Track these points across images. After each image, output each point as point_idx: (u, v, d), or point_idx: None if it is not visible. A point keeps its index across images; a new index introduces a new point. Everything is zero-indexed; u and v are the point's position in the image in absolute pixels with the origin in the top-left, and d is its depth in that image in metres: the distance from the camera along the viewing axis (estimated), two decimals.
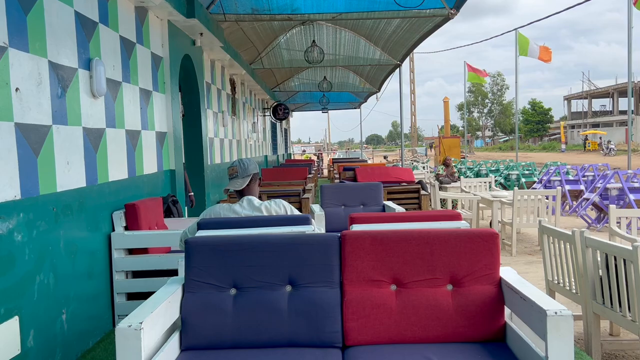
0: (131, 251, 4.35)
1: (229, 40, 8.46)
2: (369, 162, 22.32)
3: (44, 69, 3.34)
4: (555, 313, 1.88)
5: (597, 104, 69.27)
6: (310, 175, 12.18)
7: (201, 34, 6.60)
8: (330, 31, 9.88)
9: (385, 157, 31.33)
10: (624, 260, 3.24)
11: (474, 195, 8.10)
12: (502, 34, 19.12)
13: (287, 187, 9.02)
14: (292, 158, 28.32)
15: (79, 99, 3.78)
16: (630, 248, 3.16)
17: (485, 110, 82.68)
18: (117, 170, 4.41)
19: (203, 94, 7.28)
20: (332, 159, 22.63)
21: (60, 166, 3.50)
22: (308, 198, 7.90)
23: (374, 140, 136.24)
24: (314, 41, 9.55)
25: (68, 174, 3.60)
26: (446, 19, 7.18)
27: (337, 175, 12.78)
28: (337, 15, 7.51)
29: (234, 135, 10.08)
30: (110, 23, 4.38)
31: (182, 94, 6.94)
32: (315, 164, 22.53)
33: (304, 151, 35.44)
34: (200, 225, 2.91)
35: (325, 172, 22.94)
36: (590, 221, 9.34)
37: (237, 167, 3.16)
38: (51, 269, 3.37)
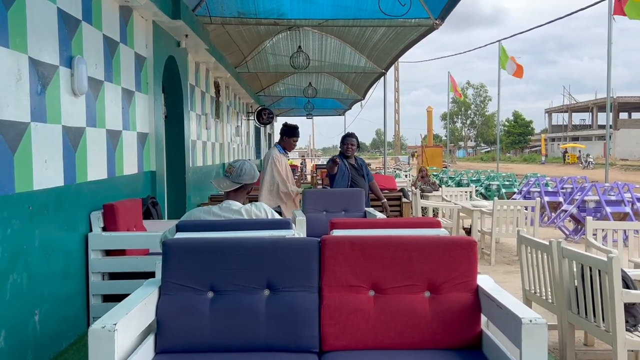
0: (108, 252, 4.29)
1: (215, 43, 8.43)
2: None
3: (24, 65, 3.29)
4: (530, 321, 1.90)
5: (577, 118, 70.52)
6: None
7: (186, 35, 6.57)
8: (317, 37, 9.90)
9: (368, 165, 31.44)
10: (599, 271, 3.28)
11: (455, 204, 8.17)
12: (484, 46, 19.39)
13: None
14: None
15: (60, 96, 3.73)
16: (605, 259, 3.21)
17: (468, 121, 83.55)
18: (96, 170, 4.36)
19: (186, 96, 7.24)
20: (316, 165, 22.65)
21: (38, 164, 3.45)
22: None
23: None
24: (299, 47, 9.57)
25: (45, 172, 3.55)
26: (431, 28, 7.26)
27: (320, 181, 12.79)
28: (323, 22, 7.53)
29: (217, 139, 10.03)
30: (93, 21, 4.33)
31: (165, 95, 6.89)
32: (299, 170, 22.54)
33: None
34: (179, 228, 2.89)
35: (309, 177, 22.92)
36: (567, 232, 9.47)
37: (234, 169, 3.07)
38: (25, 268, 3.30)
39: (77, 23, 4.04)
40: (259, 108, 15.93)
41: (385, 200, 6.43)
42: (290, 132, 6.01)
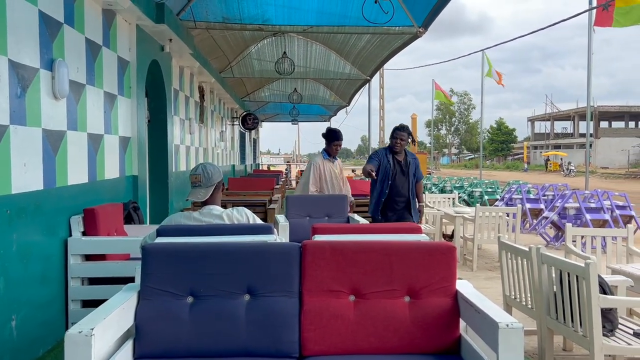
0: (88, 257, 4.25)
1: (199, 48, 8.41)
2: None
3: (4, 67, 3.26)
4: (507, 325, 1.92)
5: (559, 126, 71.56)
6: (277, 186, 12.16)
7: (170, 40, 6.54)
8: (302, 43, 9.94)
9: (353, 171, 31.56)
10: (577, 277, 3.33)
11: (438, 210, 8.22)
12: (468, 55, 19.63)
13: (253, 197, 8.99)
14: (261, 168, 28.23)
15: (40, 99, 3.70)
16: (583, 265, 3.25)
17: (452, 129, 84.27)
18: (77, 173, 4.31)
19: (170, 101, 7.21)
20: (301, 170, 22.67)
21: (17, 167, 3.41)
22: (274, 208, 7.88)
23: (342, 154, 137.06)
24: (284, 53, 9.59)
25: (24, 175, 3.50)
26: (415, 36, 7.33)
27: None
28: (308, 28, 7.57)
29: (200, 143, 9.99)
30: (76, 24, 4.30)
31: (148, 99, 6.85)
32: (284, 175, 22.52)
33: (269, 167, 35.47)
34: (160, 232, 2.86)
35: (294, 183, 22.91)
36: (549, 239, 9.58)
37: (200, 176, 3.03)
38: (2, 272, 3.25)
39: (59, 26, 4.01)
40: (244, 113, 15.90)
41: (423, 204, 6.11)
42: (329, 137, 5.99)
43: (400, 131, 5.62)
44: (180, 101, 8.12)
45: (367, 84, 12.66)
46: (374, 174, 5.42)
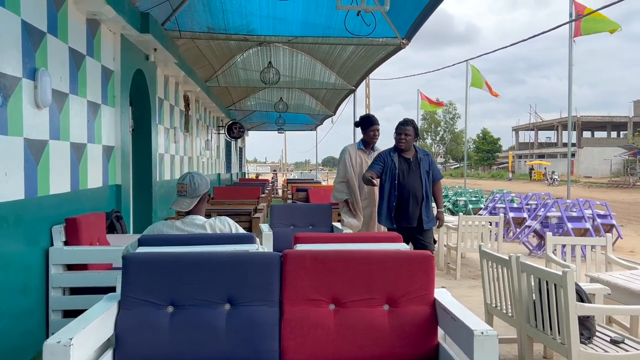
0: (70, 267, 4.22)
1: (185, 57, 8.43)
2: (324, 183, 22.47)
3: None
4: (482, 333, 1.96)
5: (543, 136, 72.48)
6: (263, 195, 12.16)
7: (155, 49, 6.56)
8: (287, 53, 10.00)
9: None
10: (555, 285, 3.39)
11: None
12: (452, 65, 19.87)
13: (238, 206, 8.98)
14: (247, 177, 28.18)
15: (22, 109, 3.69)
16: (560, 274, 3.31)
17: (438, 138, 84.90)
18: (59, 183, 4.29)
19: (155, 109, 7.20)
20: (287, 179, 22.67)
21: None
22: (259, 217, 7.88)
23: (329, 163, 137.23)
24: (270, 62, 9.64)
25: (5, 185, 3.48)
26: (398, 47, 7.43)
27: (290, 196, 12.81)
28: (293, 39, 7.63)
29: (185, 152, 9.97)
30: (59, 34, 4.31)
31: (133, 108, 6.84)
32: (270, 184, 22.51)
33: (257, 175, 35.45)
34: (141, 242, 2.87)
35: (280, 192, 22.91)
36: (531, 248, 9.69)
37: (187, 186, 3.03)
38: None
39: (42, 35, 4.01)
40: (230, 122, 15.90)
41: (442, 211, 5.37)
42: (365, 124, 5.46)
43: (403, 126, 5.07)
44: (165, 110, 8.11)
45: (353, 94, 12.73)
46: (375, 180, 4.94)
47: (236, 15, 7.11)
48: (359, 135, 5.83)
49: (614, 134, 65.78)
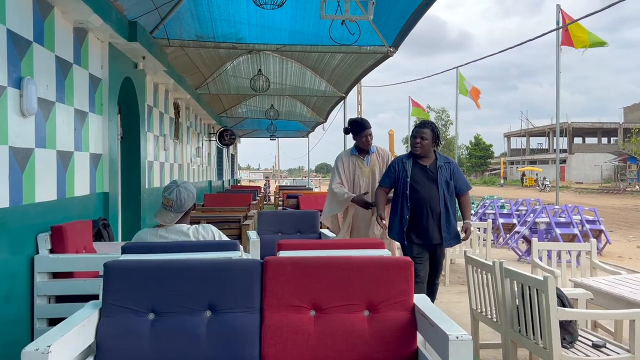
0: (56, 275, 4.21)
1: (174, 65, 8.45)
2: (316, 190, 22.50)
3: None
4: (457, 337, 1.98)
5: (535, 142, 72.94)
6: (254, 202, 12.16)
7: (144, 57, 6.58)
8: (277, 61, 10.05)
9: None
10: (537, 290, 3.43)
11: None
12: (441, 72, 19.99)
13: (228, 213, 8.97)
14: (240, 184, 28.15)
15: (7, 117, 3.70)
16: (542, 279, 3.35)
17: None
18: (45, 191, 4.29)
19: (144, 117, 7.21)
20: (279, 186, 22.69)
21: None
22: (248, 225, 7.89)
23: (323, 169, 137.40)
24: (260, 70, 9.69)
25: None
26: (386, 55, 7.50)
27: (281, 202, 12.83)
28: (281, 47, 7.68)
29: (175, 159, 9.97)
30: (45, 43, 4.32)
31: (121, 116, 6.85)
32: (262, 191, 22.50)
33: (250, 181, 35.55)
34: (125, 250, 2.88)
35: (273, 199, 22.92)
36: (520, 253, 9.76)
37: (172, 202, 3.05)
38: None
39: (28, 44, 4.02)
40: (221, 129, 15.92)
41: (470, 222, 4.81)
42: (356, 129, 5.04)
43: (421, 128, 4.53)
44: (154, 117, 8.12)
45: (343, 101, 12.79)
46: (381, 205, 4.61)
47: (224, 24, 7.15)
48: (350, 142, 5.70)
49: (604, 140, 66.31)
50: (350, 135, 5.21)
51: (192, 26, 7.13)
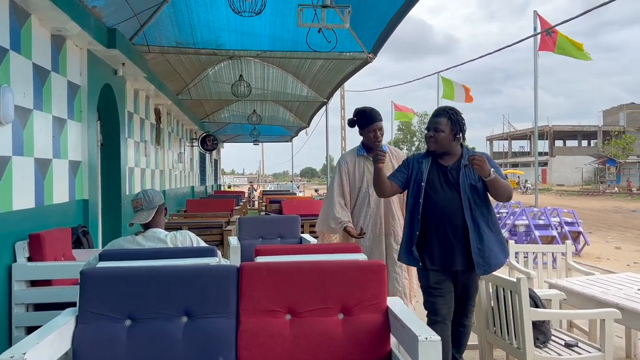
0: (34, 283, 4.20)
1: (155, 71, 8.44)
2: (300, 194, 22.53)
3: None
4: (426, 338, 2.04)
5: (517, 145, 73.80)
6: (237, 207, 12.15)
7: (123, 64, 6.57)
8: (258, 67, 10.08)
9: (316, 190, 31.80)
10: (510, 292, 3.51)
11: None
12: (423, 77, 20.20)
13: (210, 219, 8.96)
14: (223, 189, 28.06)
15: None
16: (515, 280, 3.44)
17: (414, 148, 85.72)
18: (22, 199, 4.28)
19: (124, 123, 7.20)
20: (263, 191, 22.68)
21: None
22: (230, 230, 7.90)
23: (308, 173, 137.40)
24: (241, 75, 9.71)
25: None
26: (365, 61, 7.59)
27: (264, 208, 12.83)
28: (262, 53, 7.73)
29: (157, 165, 9.94)
30: (22, 50, 4.31)
31: (101, 122, 6.83)
32: (246, 196, 22.45)
33: (229, 186, 35.46)
34: (102, 257, 2.90)
35: (257, 204, 22.89)
36: None
37: (141, 200, 3.14)
38: None
39: (4, 52, 4.01)
40: (203, 134, 15.88)
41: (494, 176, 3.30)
42: (363, 121, 4.02)
43: (436, 117, 3.41)
44: (134, 124, 8.10)
45: (325, 106, 12.86)
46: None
47: (204, 30, 7.18)
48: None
49: (584, 143, 67.33)
50: (356, 129, 4.19)
51: (172, 32, 7.14)
